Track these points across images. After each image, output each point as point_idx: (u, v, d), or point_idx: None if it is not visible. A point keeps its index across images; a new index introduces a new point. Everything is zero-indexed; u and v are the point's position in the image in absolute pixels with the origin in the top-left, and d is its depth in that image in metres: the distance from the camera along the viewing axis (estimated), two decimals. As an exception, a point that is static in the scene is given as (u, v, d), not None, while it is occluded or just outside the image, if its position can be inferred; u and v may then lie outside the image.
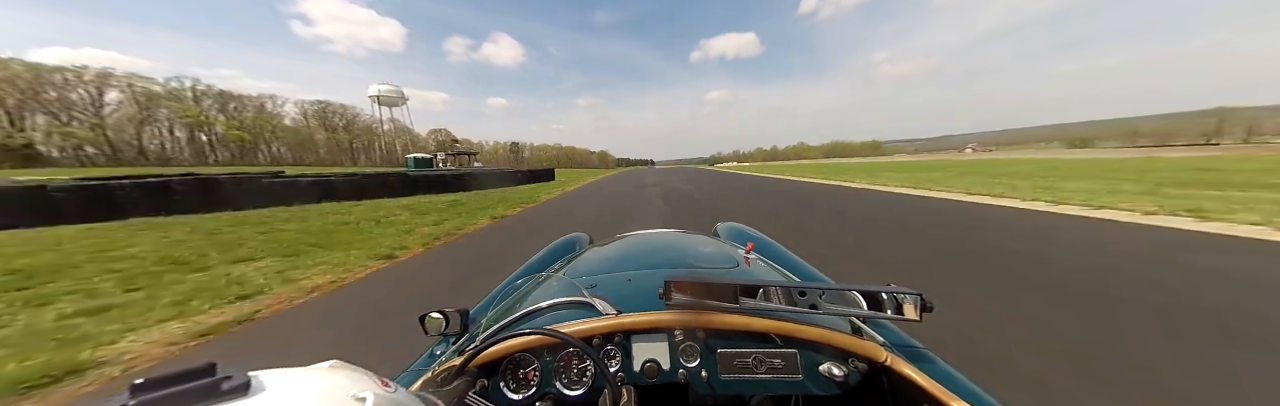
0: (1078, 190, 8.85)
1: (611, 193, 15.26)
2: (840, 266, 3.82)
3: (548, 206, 11.13)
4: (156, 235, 6.82)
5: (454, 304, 1.01)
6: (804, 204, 9.25)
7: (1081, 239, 4.54)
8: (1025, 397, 1.65)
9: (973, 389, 0.73)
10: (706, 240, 1.65)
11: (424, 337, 0.98)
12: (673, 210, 9.00)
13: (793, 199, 10.42)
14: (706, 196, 12.21)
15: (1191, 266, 3.39)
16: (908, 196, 10.01)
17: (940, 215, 6.76)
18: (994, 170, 18.51)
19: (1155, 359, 1.94)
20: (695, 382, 0.75)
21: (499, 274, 1.56)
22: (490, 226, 7.63)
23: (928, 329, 0.81)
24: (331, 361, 0.45)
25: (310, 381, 0.37)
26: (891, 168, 28.22)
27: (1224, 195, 7.27)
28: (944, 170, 20.74)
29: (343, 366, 0.44)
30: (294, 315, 3.12)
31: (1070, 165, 20.13)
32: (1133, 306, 2.58)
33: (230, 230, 7.25)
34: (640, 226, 4.16)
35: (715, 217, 4.02)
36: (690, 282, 0.76)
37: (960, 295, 2.87)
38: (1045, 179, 12.21)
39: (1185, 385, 1.73)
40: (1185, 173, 12.35)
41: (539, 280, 1.18)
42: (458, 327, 0.99)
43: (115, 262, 4.79)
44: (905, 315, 0.70)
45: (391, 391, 0.41)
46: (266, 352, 2.50)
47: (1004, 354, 2.04)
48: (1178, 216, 5.49)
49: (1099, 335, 2.21)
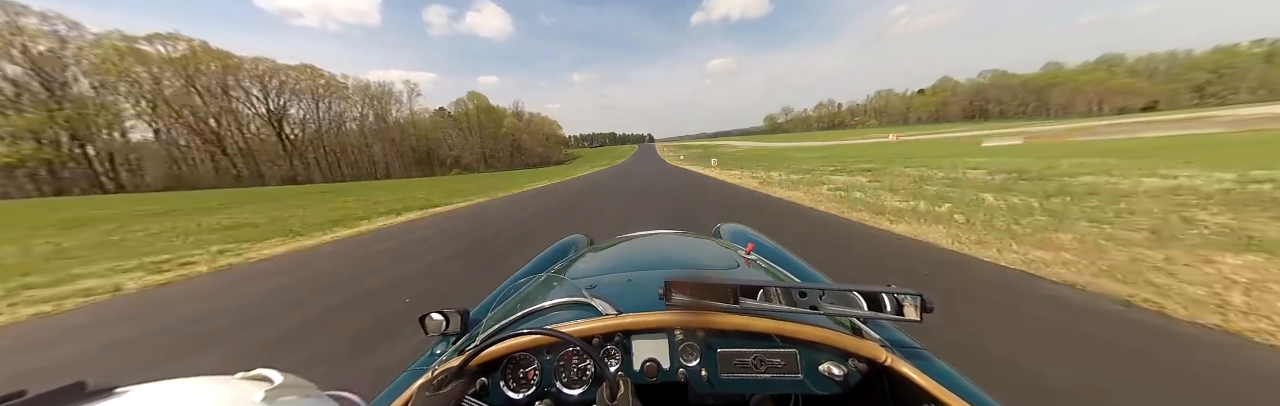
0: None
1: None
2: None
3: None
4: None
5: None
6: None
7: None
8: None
9: (971, 388, 0.74)
10: (706, 241, 1.69)
11: (423, 337, 1.02)
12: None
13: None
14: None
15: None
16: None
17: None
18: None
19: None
20: (695, 382, 0.78)
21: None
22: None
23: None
24: (258, 370, 0.47)
25: (186, 395, 0.39)
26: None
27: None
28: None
29: (256, 377, 0.46)
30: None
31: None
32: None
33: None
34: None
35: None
36: (690, 283, 0.78)
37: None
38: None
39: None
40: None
41: (539, 280, 1.21)
42: (458, 327, 1.03)
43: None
44: (905, 315, 0.72)
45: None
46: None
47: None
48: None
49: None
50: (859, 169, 13.96)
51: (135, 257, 6.44)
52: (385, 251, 6.02)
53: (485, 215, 10.04)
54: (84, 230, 10.51)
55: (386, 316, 3.15)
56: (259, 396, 0.41)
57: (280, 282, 4.65)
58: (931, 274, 3.35)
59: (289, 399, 0.43)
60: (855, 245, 4.48)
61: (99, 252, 7.14)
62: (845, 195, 8.14)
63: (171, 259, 6.27)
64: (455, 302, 1.14)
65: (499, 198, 15.12)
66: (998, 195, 6.61)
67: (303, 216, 11.72)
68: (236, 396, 0.41)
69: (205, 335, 3.11)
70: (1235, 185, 5.86)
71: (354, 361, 2.45)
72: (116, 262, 6.18)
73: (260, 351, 2.71)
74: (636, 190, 13.30)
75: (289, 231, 8.71)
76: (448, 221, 9.29)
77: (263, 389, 0.42)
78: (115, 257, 6.60)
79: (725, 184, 13.24)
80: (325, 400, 0.48)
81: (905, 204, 6.56)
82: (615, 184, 17.10)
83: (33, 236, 9.55)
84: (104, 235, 9.53)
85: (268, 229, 9.32)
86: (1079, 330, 2.26)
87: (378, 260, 5.42)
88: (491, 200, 14.21)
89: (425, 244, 6.43)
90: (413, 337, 2.62)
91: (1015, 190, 7.01)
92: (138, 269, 5.67)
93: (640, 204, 9.68)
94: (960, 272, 3.35)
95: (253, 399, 0.41)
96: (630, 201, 10.20)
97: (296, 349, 2.70)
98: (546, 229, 6.95)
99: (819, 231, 5.33)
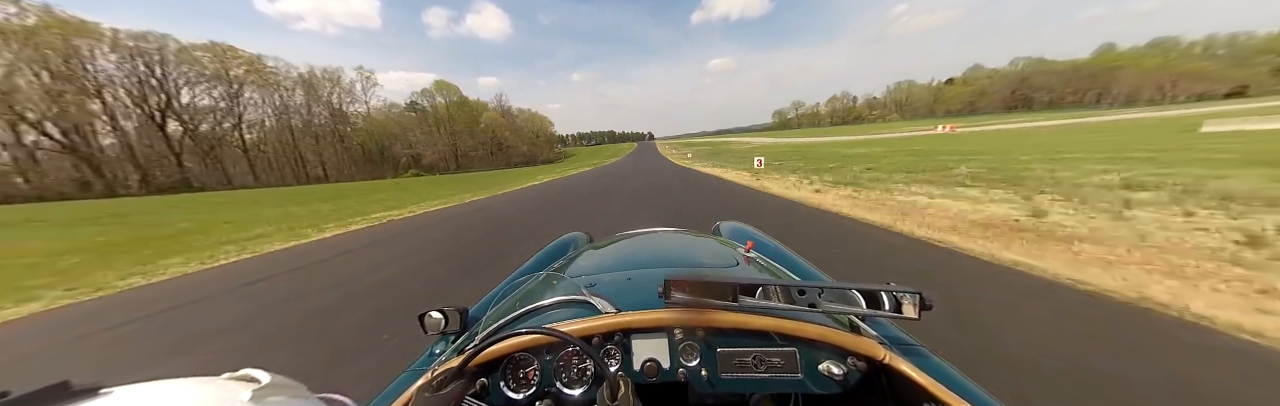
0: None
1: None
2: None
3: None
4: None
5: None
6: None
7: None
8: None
9: (970, 386, 0.78)
10: (706, 239, 1.75)
11: (423, 336, 1.06)
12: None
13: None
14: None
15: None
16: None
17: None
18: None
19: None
20: (695, 381, 0.82)
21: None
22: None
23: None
24: (245, 370, 0.48)
25: (171, 396, 0.40)
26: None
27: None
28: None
29: (242, 377, 0.47)
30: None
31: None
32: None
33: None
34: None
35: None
36: (689, 281, 0.82)
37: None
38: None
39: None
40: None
41: (538, 279, 1.25)
42: (457, 327, 1.08)
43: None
44: (904, 313, 0.76)
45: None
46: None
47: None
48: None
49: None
50: (1005, 177, 8.48)
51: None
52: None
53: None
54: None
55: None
56: (246, 396, 0.42)
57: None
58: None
59: (277, 399, 0.44)
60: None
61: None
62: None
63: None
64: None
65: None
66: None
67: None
68: (222, 396, 0.42)
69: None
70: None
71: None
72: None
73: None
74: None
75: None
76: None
77: (250, 389, 0.44)
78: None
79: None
80: (315, 401, 0.50)
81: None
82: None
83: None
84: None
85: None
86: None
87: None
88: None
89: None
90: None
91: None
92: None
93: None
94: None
95: (239, 399, 0.42)
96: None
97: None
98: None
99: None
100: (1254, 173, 6.99)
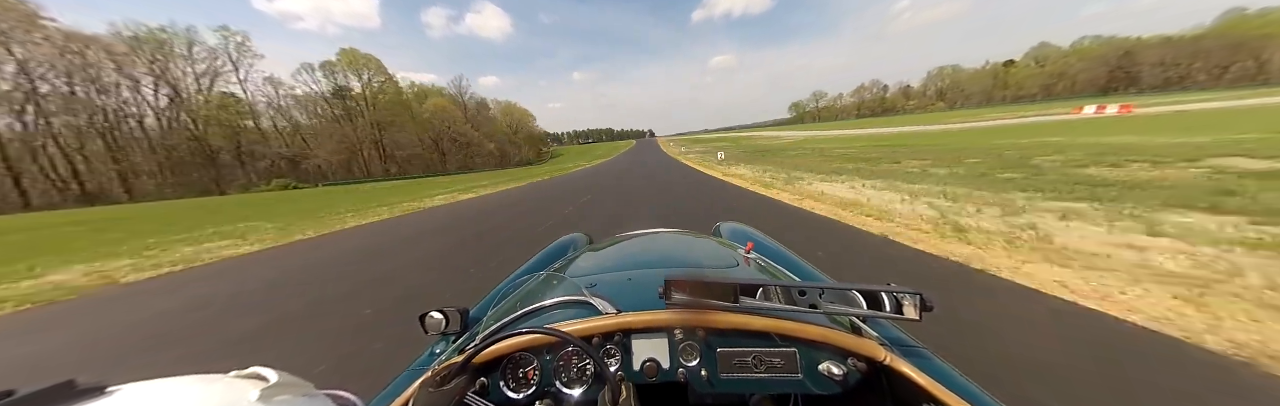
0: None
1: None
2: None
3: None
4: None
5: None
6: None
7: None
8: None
9: (970, 387, 0.82)
10: (706, 239, 1.83)
11: (423, 335, 1.07)
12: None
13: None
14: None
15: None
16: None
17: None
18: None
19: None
20: (695, 381, 0.87)
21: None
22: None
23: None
24: (253, 368, 0.49)
25: (177, 394, 0.41)
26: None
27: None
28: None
29: (250, 375, 0.48)
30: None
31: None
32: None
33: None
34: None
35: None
36: (690, 281, 0.86)
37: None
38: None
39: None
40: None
41: (539, 279, 1.31)
42: (457, 327, 1.13)
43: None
44: (904, 314, 0.80)
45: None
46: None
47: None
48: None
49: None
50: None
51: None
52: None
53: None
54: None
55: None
56: (254, 395, 0.43)
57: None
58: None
59: (284, 398, 0.45)
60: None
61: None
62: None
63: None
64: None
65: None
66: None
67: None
68: (230, 395, 0.42)
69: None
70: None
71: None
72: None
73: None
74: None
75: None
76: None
77: (258, 387, 0.44)
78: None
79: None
80: (322, 399, 0.50)
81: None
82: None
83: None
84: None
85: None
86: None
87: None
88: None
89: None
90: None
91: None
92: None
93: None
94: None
95: (247, 397, 0.42)
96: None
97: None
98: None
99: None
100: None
